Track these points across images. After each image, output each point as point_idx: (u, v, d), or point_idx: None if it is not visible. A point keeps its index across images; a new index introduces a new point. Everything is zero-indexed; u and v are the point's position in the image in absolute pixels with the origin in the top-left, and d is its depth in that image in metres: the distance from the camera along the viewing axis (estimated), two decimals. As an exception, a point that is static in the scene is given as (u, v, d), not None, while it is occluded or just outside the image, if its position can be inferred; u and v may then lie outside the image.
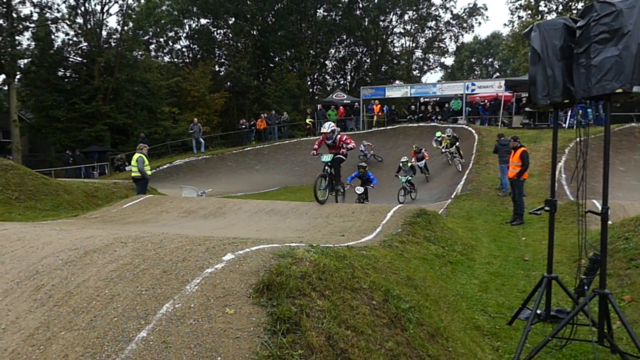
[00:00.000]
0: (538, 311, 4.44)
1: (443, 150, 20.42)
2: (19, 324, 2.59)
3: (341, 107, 30.44)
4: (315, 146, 10.07)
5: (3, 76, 32.10)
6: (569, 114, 21.33)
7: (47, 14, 33.04)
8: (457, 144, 19.70)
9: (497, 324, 5.01)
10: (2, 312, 2.72)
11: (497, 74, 59.43)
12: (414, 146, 20.50)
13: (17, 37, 30.38)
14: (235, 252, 3.30)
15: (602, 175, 3.92)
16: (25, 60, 32.63)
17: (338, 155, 9.65)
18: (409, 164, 17.48)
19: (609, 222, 4.14)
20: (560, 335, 4.02)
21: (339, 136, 9.76)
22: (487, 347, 4.47)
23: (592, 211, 4.06)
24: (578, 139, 4.14)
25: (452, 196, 14.68)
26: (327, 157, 9.63)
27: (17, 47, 30.35)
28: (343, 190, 10.68)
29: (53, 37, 33.97)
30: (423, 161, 19.58)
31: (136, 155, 12.60)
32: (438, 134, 21.79)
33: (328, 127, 9.76)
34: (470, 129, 22.37)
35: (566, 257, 7.57)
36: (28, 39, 33.35)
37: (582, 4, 32.60)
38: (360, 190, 13.35)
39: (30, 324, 2.58)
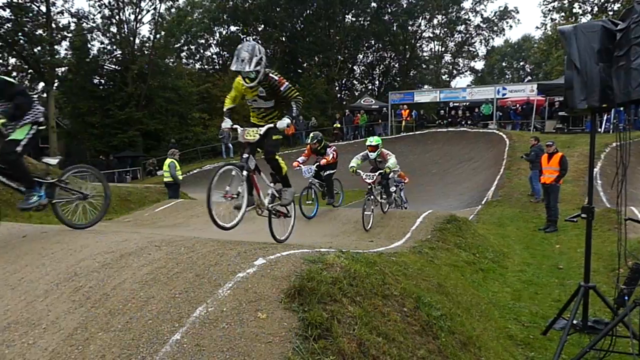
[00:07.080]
0: (574, 321, 4.31)
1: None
2: (58, 324, 2.67)
3: (357, 115, 30.38)
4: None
5: (42, 84, 33.43)
6: (605, 118, 20.71)
7: (84, 24, 34.24)
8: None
9: (531, 334, 4.90)
10: (43, 312, 2.80)
11: (529, 77, 58.01)
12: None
13: (55, 47, 31.58)
14: (267, 257, 3.31)
15: (643, 182, 3.79)
16: (63, 69, 33.87)
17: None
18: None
19: (650, 231, 3.99)
20: (598, 347, 3.89)
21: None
22: (520, 357, 4.36)
23: (632, 219, 3.93)
24: (616, 144, 4.02)
25: (483, 202, 14.40)
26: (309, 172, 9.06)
27: (56, 56, 31.53)
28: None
29: (89, 46, 35.19)
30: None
31: (168, 161, 12.80)
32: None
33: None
34: (501, 134, 21.97)
35: (603, 266, 7.34)
36: (65, 49, 34.70)
37: (619, 5, 31.68)
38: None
39: (69, 324, 2.65)
